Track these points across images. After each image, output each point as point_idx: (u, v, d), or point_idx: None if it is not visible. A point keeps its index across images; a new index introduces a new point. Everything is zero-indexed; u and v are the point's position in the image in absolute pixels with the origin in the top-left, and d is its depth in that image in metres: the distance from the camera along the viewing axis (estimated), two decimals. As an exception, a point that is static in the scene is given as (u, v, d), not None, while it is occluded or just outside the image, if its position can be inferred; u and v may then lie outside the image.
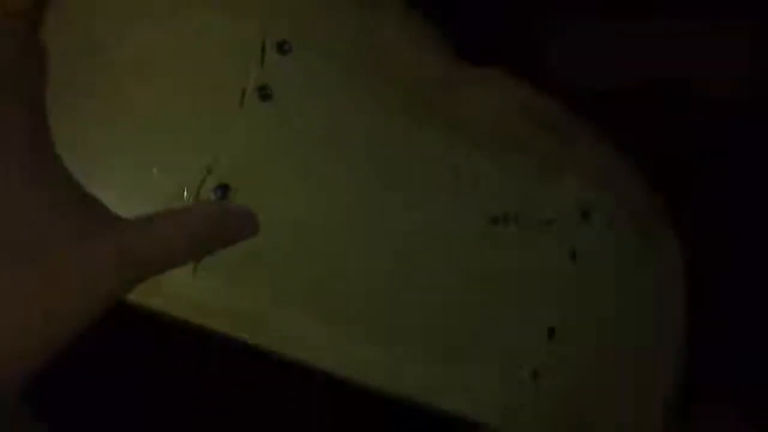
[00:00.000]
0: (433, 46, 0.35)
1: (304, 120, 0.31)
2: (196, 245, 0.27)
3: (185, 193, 0.29)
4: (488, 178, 0.35)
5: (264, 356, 0.31)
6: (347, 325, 0.32)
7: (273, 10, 0.31)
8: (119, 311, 0.27)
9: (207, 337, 0.31)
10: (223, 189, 0.29)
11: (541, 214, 0.36)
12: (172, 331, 0.31)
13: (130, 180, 0.28)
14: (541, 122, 0.36)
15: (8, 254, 0.23)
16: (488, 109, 0.36)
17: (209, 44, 0.30)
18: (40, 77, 0.25)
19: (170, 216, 0.27)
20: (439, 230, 0.34)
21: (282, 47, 0.31)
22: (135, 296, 0.28)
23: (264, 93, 0.30)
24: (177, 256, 0.27)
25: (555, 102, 0.38)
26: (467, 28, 0.38)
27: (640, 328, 0.39)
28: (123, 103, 0.28)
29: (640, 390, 0.39)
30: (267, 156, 0.30)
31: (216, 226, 0.28)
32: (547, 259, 0.36)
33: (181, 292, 0.29)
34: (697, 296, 0.40)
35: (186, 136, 0.29)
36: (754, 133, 0.46)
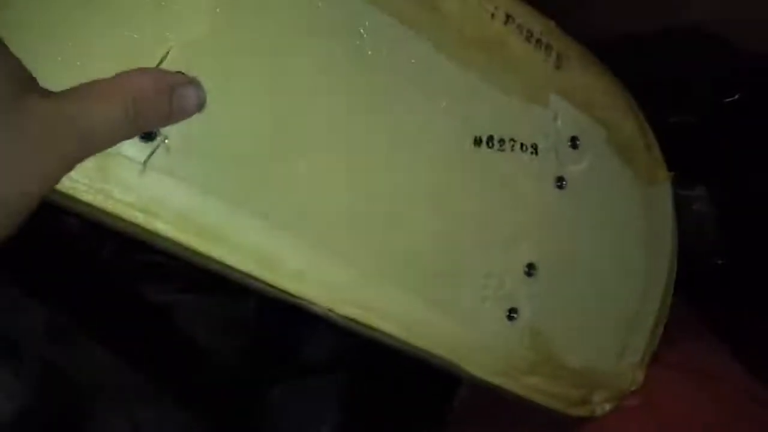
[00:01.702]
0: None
1: (272, 8, 0.28)
2: (133, 116, 0.24)
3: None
4: (472, 96, 0.33)
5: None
6: (323, 248, 0.29)
7: None
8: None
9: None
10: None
11: (526, 138, 0.34)
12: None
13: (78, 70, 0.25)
14: (528, 35, 0.34)
15: None
16: (468, 8, 0.32)
17: None
18: None
19: (104, 84, 0.23)
20: (415, 144, 0.31)
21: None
22: (76, 192, 0.25)
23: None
24: (112, 130, 0.23)
25: (546, 19, 0.35)
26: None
27: (624, 266, 0.37)
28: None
29: (617, 331, 0.37)
30: (231, 42, 0.27)
31: (156, 97, 0.24)
32: (530, 185, 0.34)
33: (127, 190, 0.26)
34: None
35: (136, 19, 0.26)
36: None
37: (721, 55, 0.45)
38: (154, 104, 0.24)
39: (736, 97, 0.45)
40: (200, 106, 0.26)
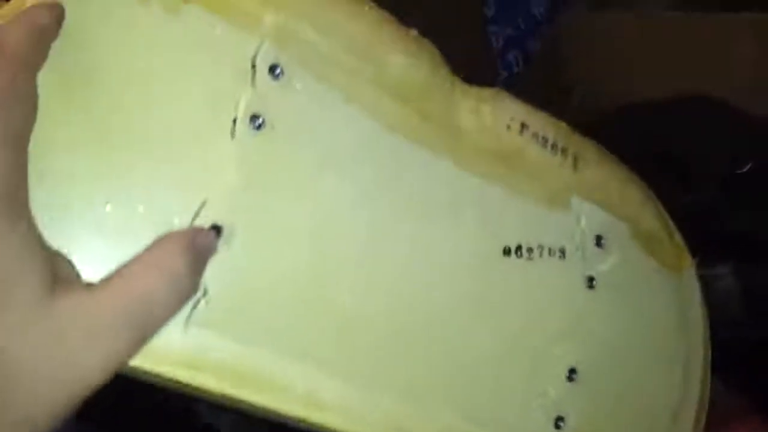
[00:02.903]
0: (430, 63, 0.32)
1: (299, 147, 0.28)
2: (181, 286, 0.23)
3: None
4: (496, 207, 0.33)
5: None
6: (367, 380, 0.29)
7: (275, 30, 0.28)
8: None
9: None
10: (216, 229, 0.26)
11: (553, 243, 0.34)
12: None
13: (115, 219, 0.25)
14: (544, 142, 0.34)
15: None
16: (484, 124, 0.33)
17: (204, 55, 0.26)
18: (30, 115, 0.22)
19: (137, 262, 0.23)
20: (447, 262, 0.31)
21: (273, 71, 0.28)
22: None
23: (257, 122, 0.27)
24: (162, 307, 0.23)
25: (558, 121, 0.36)
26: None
27: (662, 356, 0.37)
28: (105, 130, 0.25)
29: (662, 423, 0.37)
30: (262, 189, 0.27)
31: (194, 257, 0.24)
32: (562, 289, 0.34)
33: (170, 349, 0.25)
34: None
35: (172, 171, 0.26)
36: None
37: (729, 125, 0.46)
38: (195, 267, 0.24)
39: (748, 167, 0.45)
40: (215, 247, 0.26)
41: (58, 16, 0.23)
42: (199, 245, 0.25)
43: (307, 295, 0.28)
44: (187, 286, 0.24)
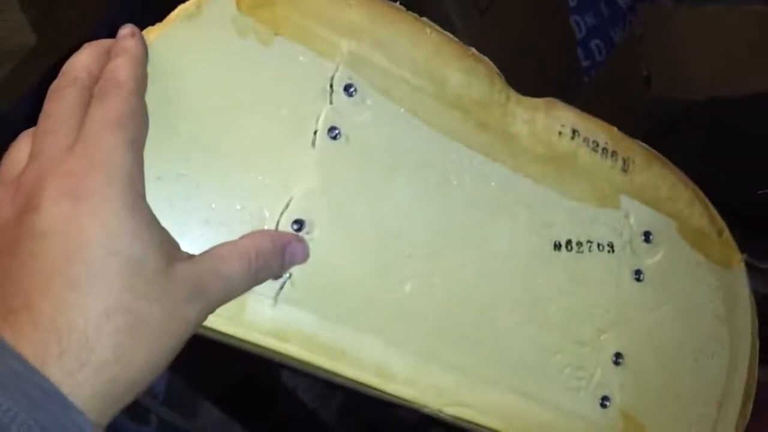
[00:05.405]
0: (486, 78, 0.36)
1: (369, 154, 0.33)
2: (254, 271, 0.29)
3: (266, 226, 0.31)
4: (548, 206, 0.36)
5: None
6: (429, 358, 0.33)
7: (350, 55, 0.32)
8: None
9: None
10: (299, 223, 0.31)
11: (602, 238, 0.37)
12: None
13: (218, 214, 0.30)
14: (594, 146, 0.37)
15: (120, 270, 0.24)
16: (537, 131, 0.37)
17: (290, 78, 0.31)
18: (143, 126, 0.28)
19: (231, 247, 0.29)
20: (502, 255, 0.35)
21: (348, 90, 0.33)
22: (220, 325, 0.30)
23: (334, 133, 0.32)
24: (237, 284, 0.28)
25: (608, 126, 0.39)
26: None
27: (708, 347, 0.39)
28: (208, 142, 0.30)
29: (707, 409, 0.39)
30: (338, 190, 0.32)
31: (272, 255, 0.29)
32: (610, 281, 0.37)
33: (261, 321, 0.31)
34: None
35: (264, 175, 0.31)
36: None
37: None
38: (271, 261, 0.30)
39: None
40: (305, 257, 0.31)
41: (144, 45, 0.29)
42: (281, 246, 0.30)
43: (374, 280, 0.32)
44: (261, 275, 0.29)
